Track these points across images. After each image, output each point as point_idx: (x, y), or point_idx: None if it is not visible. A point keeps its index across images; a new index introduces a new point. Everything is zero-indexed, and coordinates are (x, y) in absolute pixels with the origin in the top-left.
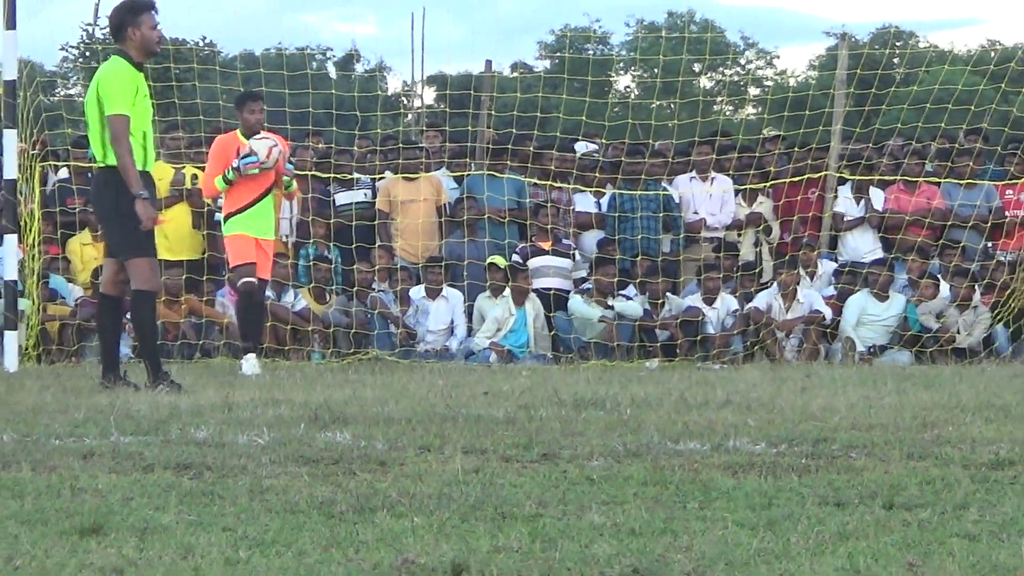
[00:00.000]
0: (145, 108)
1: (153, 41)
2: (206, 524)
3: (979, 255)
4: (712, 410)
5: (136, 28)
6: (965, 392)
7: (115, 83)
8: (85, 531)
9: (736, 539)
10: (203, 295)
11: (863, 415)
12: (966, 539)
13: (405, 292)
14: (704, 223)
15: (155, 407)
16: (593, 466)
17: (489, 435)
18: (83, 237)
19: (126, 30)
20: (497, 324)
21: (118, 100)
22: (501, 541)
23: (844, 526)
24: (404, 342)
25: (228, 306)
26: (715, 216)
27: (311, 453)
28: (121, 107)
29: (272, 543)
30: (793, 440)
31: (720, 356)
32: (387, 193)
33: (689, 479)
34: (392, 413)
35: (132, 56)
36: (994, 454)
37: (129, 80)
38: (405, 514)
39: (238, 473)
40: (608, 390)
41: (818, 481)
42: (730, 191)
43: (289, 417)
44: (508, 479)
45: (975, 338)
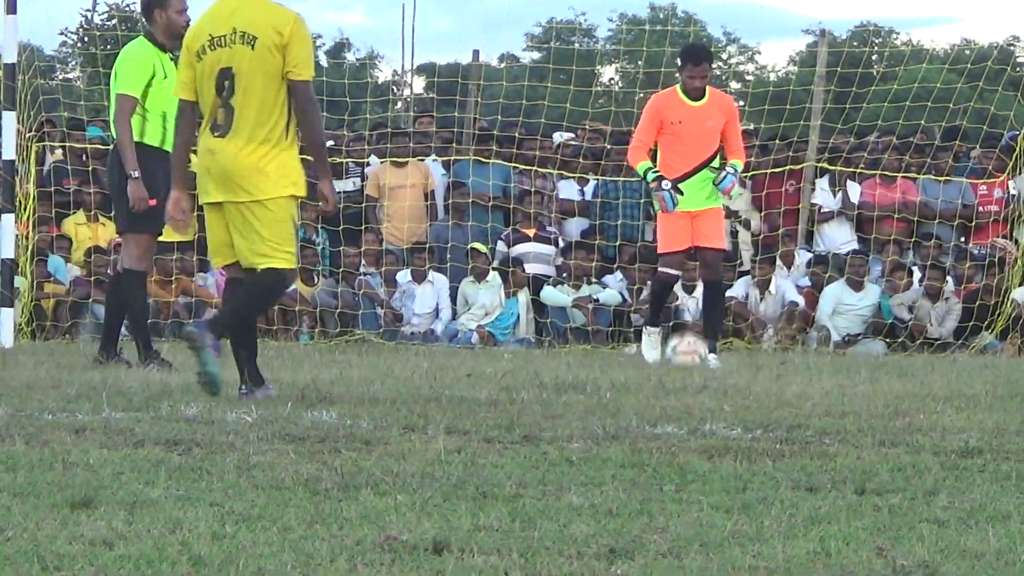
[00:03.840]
0: (166, 89)
1: (179, 25)
2: (194, 499)
3: (953, 249)
4: (689, 395)
5: (163, 10)
6: (936, 381)
7: (130, 64)
8: (76, 504)
9: (711, 521)
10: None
11: (837, 402)
12: (935, 524)
13: (392, 275)
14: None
15: (146, 384)
16: (573, 448)
17: (472, 416)
18: (78, 217)
19: (154, 11)
20: (485, 310)
21: (128, 81)
22: (482, 520)
23: (816, 510)
24: (390, 324)
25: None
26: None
27: (297, 431)
28: (129, 88)
29: (258, 518)
30: (768, 426)
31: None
32: (376, 179)
33: (666, 462)
34: (377, 393)
35: (158, 38)
36: (964, 442)
37: (146, 62)
38: (388, 492)
39: (226, 450)
40: (588, 374)
41: (792, 466)
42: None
43: (277, 396)
44: (489, 459)
45: (947, 329)
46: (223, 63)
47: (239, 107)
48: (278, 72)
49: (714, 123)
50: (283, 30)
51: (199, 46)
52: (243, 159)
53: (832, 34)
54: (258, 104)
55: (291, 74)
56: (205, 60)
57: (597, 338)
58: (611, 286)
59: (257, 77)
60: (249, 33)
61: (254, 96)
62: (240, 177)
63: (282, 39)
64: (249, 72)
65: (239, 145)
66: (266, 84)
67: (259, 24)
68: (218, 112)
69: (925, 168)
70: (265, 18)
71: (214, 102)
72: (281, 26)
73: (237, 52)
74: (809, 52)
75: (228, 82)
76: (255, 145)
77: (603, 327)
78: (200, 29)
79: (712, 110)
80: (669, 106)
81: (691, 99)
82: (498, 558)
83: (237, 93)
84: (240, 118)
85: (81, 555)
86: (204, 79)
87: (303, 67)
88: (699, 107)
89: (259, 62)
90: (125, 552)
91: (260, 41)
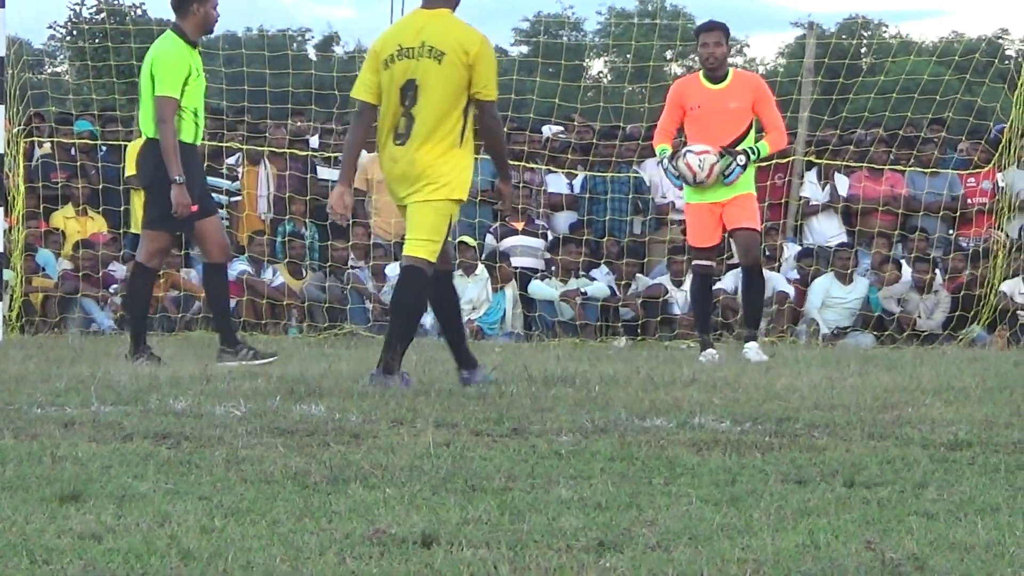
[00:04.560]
0: (198, 85)
1: (212, 21)
2: (183, 493)
3: (940, 242)
4: (678, 388)
5: (202, 5)
6: (925, 374)
7: (168, 64)
8: (65, 498)
9: (700, 514)
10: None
11: (826, 395)
12: (924, 517)
13: (380, 268)
14: (672, 206)
15: (135, 378)
16: (561, 441)
17: (460, 410)
18: (66, 211)
19: (191, 5)
20: (472, 304)
21: (168, 82)
22: (470, 513)
23: (805, 503)
24: (379, 318)
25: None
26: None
27: (286, 425)
28: (170, 89)
29: (247, 512)
30: (757, 419)
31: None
32: (364, 172)
33: (655, 455)
34: (366, 387)
35: (188, 33)
36: (953, 435)
37: (182, 60)
38: (377, 485)
39: (215, 443)
40: (577, 367)
41: (781, 459)
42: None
43: (265, 389)
44: (478, 453)
45: (935, 321)
46: (409, 74)
47: (420, 117)
48: (460, 86)
49: (737, 105)
50: (470, 49)
51: (388, 54)
52: (419, 161)
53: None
54: (438, 115)
55: (479, 94)
56: (393, 69)
57: (585, 331)
58: (599, 280)
59: (440, 90)
60: (437, 48)
61: (435, 107)
62: (415, 179)
63: (468, 58)
64: (434, 85)
65: (415, 147)
66: (448, 97)
67: (447, 41)
68: (400, 121)
69: (912, 160)
70: (453, 36)
71: (396, 110)
72: (468, 45)
73: (423, 65)
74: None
75: (412, 93)
76: (429, 146)
77: (591, 321)
78: (390, 38)
79: (735, 92)
80: (688, 91)
81: (712, 82)
82: (487, 551)
83: (420, 104)
84: (420, 126)
85: (70, 549)
86: (389, 87)
87: (490, 87)
88: (720, 90)
89: (444, 77)
90: (114, 546)
91: (447, 57)
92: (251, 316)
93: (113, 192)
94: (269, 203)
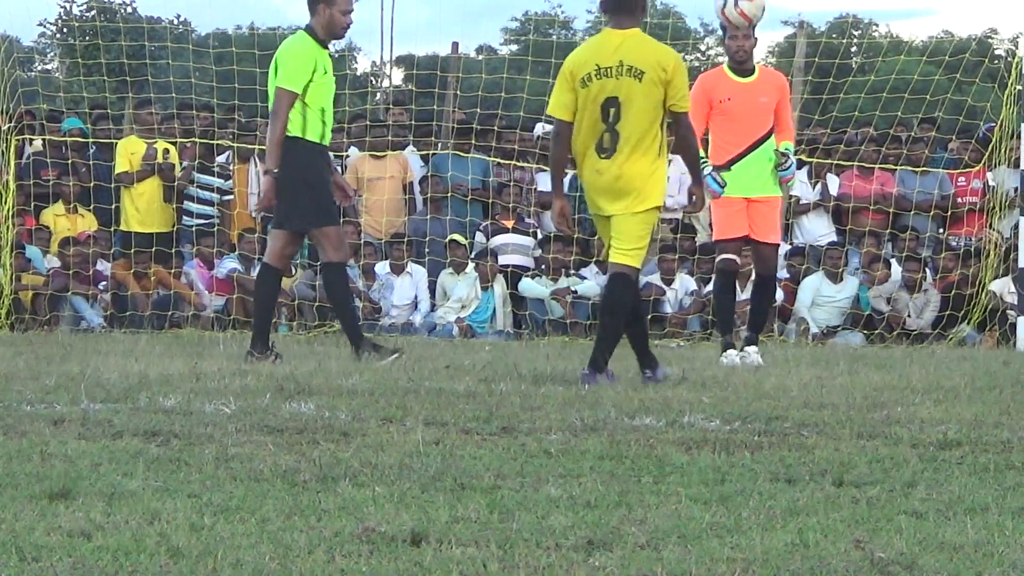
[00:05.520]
0: (326, 84)
1: (340, 25)
2: (172, 490)
3: (930, 241)
4: (668, 387)
5: (328, 6)
6: (915, 373)
7: (293, 58)
8: (54, 495)
9: (689, 513)
10: (171, 268)
11: (815, 394)
12: (913, 517)
13: (370, 267)
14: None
15: (125, 375)
16: (551, 440)
17: (450, 408)
18: (56, 208)
19: (319, 5)
20: (461, 303)
21: (291, 76)
22: (460, 511)
23: (795, 502)
24: (368, 316)
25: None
26: (673, 197)
27: (276, 423)
28: (291, 82)
29: (236, 510)
30: (746, 417)
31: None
32: (354, 170)
33: (644, 454)
34: (355, 385)
35: (318, 33)
36: (942, 434)
37: (308, 57)
38: (367, 484)
39: (204, 441)
40: (567, 366)
41: (770, 458)
42: (687, 173)
43: (255, 387)
44: (468, 451)
45: (925, 321)
46: (609, 92)
47: (624, 132)
48: (659, 102)
49: (767, 100)
50: (667, 67)
51: (584, 74)
52: (625, 174)
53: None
54: (641, 129)
55: (675, 107)
56: (591, 87)
57: (575, 330)
58: (589, 278)
59: (642, 106)
60: (637, 68)
61: (638, 122)
62: (624, 193)
63: (666, 75)
64: (636, 102)
65: (620, 163)
66: (648, 112)
67: (645, 60)
68: (604, 136)
69: (902, 160)
70: (650, 54)
71: (598, 126)
72: (665, 63)
73: (624, 84)
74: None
75: (614, 110)
76: (635, 160)
77: (581, 319)
78: (586, 58)
79: (764, 87)
80: (717, 84)
81: (740, 75)
82: (476, 550)
83: (623, 119)
84: (624, 141)
85: (59, 546)
86: (587, 104)
87: (684, 100)
88: (749, 83)
89: (644, 94)
90: (103, 543)
91: (647, 76)
92: (241, 314)
93: (103, 190)
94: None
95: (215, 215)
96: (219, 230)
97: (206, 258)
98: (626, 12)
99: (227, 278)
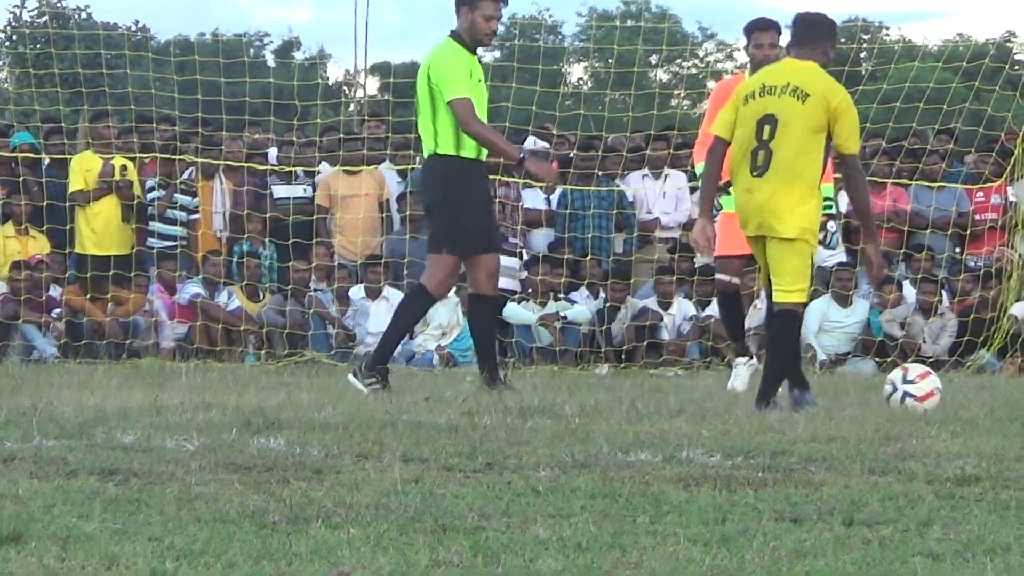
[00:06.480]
0: (480, 93)
1: (482, 32)
2: (131, 533)
3: (947, 261)
4: (665, 419)
5: (471, 11)
6: None
7: (447, 66)
8: (4, 539)
9: (688, 555)
10: (131, 292)
11: (823, 427)
12: (929, 558)
13: (344, 291)
14: (658, 223)
15: (80, 410)
16: (539, 477)
17: (430, 443)
18: (6, 230)
19: (462, 8)
20: (442, 329)
21: (453, 83)
22: (441, 555)
23: (801, 543)
24: (342, 344)
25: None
26: (670, 215)
27: (243, 460)
28: (458, 90)
29: (200, 554)
30: (749, 452)
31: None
32: (327, 187)
33: (639, 492)
34: (329, 419)
35: (463, 38)
36: (960, 469)
37: (462, 63)
38: (341, 525)
39: (166, 480)
40: (556, 397)
41: (775, 496)
42: (685, 188)
43: (220, 421)
44: (449, 489)
45: (941, 347)
46: (768, 110)
47: (778, 152)
48: (819, 128)
49: None
50: (833, 100)
51: (750, 91)
52: (777, 199)
53: None
54: (795, 151)
55: (841, 147)
56: (752, 104)
57: (565, 358)
58: (579, 302)
59: (799, 127)
60: (802, 89)
61: (793, 143)
62: (773, 216)
63: (830, 106)
64: (793, 122)
65: (773, 186)
66: (806, 135)
67: (814, 86)
68: (758, 154)
69: (917, 174)
70: (820, 83)
71: (751, 143)
72: (832, 96)
73: (785, 102)
74: None
75: (769, 127)
76: (788, 182)
77: (571, 347)
78: (755, 80)
79: None
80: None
81: None
82: None
83: (778, 138)
84: (777, 161)
85: None
86: (745, 119)
87: (852, 142)
88: None
89: (805, 115)
90: None
91: (811, 99)
92: (205, 342)
93: (57, 209)
94: (225, 220)
95: (182, 237)
96: (182, 252)
97: (167, 282)
98: (808, 44)
99: (190, 304)
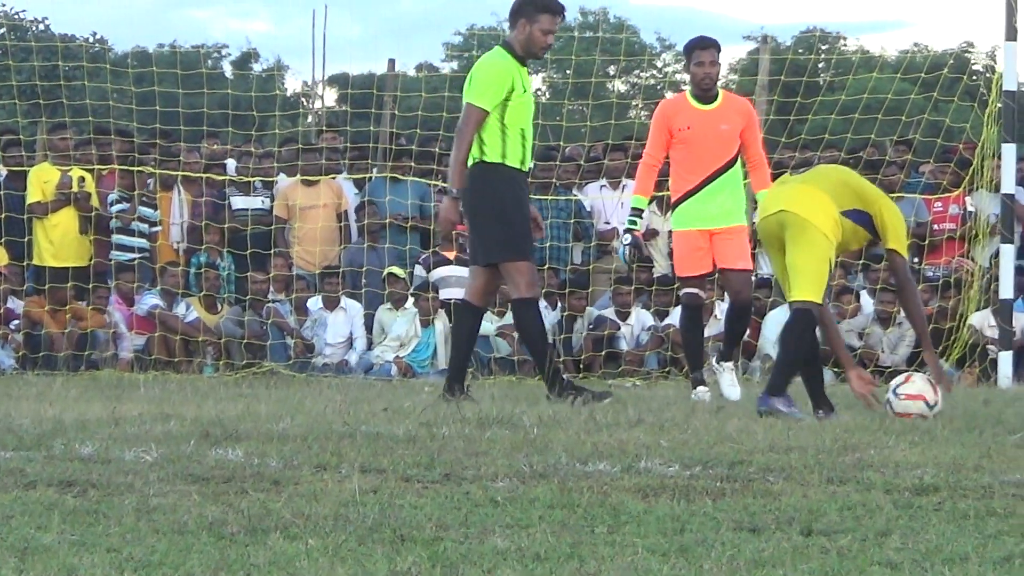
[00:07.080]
0: (525, 104)
1: (539, 45)
2: (90, 544)
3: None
4: (623, 430)
5: (529, 23)
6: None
7: (486, 75)
8: None
9: (646, 565)
10: (90, 303)
11: (781, 437)
12: (888, 568)
13: (302, 302)
14: (616, 233)
15: (38, 420)
16: (497, 487)
17: (388, 454)
18: None
19: (519, 20)
20: (400, 341)
21: (482, 92)
22: (399, 565)
23: (760, 553)
24: (301, 355)
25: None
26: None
27: (201, 471)
28: (481, 99)
29: (159, 565)
30: (708, 462)
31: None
32: (285, 198)
33: (598, 502)
34: (287, 430)
35: (516, 49)
36: (918, 479)
37: (504, 74)
38: (299, 536)
39: (124, 491)
40: (514, 408)
41: (733, 505)
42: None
43: (179, 433)
44: (408, 500)
45: (899, 356)
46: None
47: None
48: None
49: (728, 128)
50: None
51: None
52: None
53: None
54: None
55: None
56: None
57: (523, 369)
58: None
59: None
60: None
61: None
62: (798, 204)
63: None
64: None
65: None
66: None
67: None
68: None
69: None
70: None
71: None
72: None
73: None
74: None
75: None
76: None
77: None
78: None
79: (726, 114)
80: (677, 111)
81: (702, 102)
82: None
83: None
84: None
85: None
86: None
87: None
88: (710, 110)
89: None
90: None
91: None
92: (163, 353)
93: (15, 221)
94: (183, 231)
95: (144, 249)
96: (140, 263)
97: (125, 294)
98: None
99: (148, 315)
